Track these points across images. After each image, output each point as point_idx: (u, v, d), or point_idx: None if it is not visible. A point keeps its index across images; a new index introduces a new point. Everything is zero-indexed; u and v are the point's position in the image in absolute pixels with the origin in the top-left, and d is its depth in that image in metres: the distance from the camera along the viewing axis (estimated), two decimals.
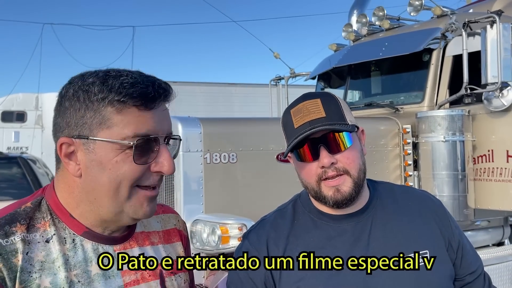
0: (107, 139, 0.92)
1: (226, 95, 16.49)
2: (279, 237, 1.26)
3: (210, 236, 2.96)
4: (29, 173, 6.59)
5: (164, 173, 0.97)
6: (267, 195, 3.23)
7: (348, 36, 5.16)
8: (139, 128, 0.93)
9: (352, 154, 1.20)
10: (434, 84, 4.12)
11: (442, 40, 4.14)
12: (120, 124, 0.92)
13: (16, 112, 13.47)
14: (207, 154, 3.20)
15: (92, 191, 0.95)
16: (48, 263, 0.91)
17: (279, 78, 6.25)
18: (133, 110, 0.93)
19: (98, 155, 0.93)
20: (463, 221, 3.65)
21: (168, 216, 1.19)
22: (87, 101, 0.93)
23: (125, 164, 0.93)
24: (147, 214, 0.98)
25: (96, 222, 0.99)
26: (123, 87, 0.92)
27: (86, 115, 0.93)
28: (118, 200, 0.95)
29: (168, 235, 1.15)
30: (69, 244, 0.95)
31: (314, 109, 1.19)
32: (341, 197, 1.18)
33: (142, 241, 1.07)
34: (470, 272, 1.32)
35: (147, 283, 1.03)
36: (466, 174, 3.66)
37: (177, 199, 3.18)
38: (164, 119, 0.98)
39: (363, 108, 4.67)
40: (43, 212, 0.97)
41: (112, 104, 0.91)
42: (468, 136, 3.70)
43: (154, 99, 0.94)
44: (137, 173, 0.94)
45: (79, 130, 0.94)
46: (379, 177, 3.74)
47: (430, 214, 1.30)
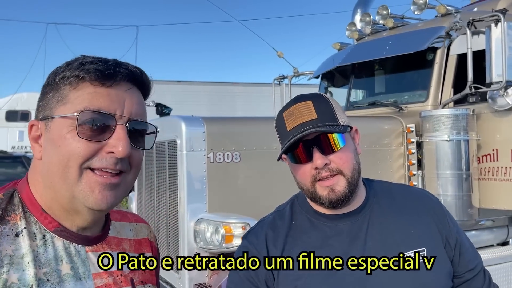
0: (60, 115, 0.90)
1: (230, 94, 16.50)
2: (277, 237, 1.28)
3: (214, 235, 2.96)
4: None
5: (116, 154, 0.90)
6: (270, 194, 3.23)
7: (351, 35, 5.15)
8: (91, 103, 0.89)
9: (345, 155, 1.21)
10: (438, 83, 4.11)
11: (447, 39, 4.12)
12: (75, 101, 0.90)
13: (21, 111, 13.54)
14: (210, 153, 3.21)
15: (47, 173, 0.92)
16: (17, 258, 0.87)
17: (282, 77, 6.24)
18: (87, 85, 0.90)
19: (52, 133, 0.91)
20: (467, 220, 3.64)
21: (140, 226, 1.15)
22: (53, 83, 0.93)
23: (73, 141, 0.89)
24: (98, 202, 0.91)
25: (61, 213, 0.94)
26: (81, 65, 0.91)
27: (49, 95, 0.93)
28: (68, 181, 0.90)
29: (140, 244, 1.11)
30: (39, 240, 0.91)
31: (306, 111, 1.20)
32: (336, 197, 1.20)
33: (115, 245, 1.03)
34: (469, 269, 1.32)
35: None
36: (470, 173, 3.64)
37: (181, 198, 3.18)
38: (125, 100, 0.93)
39: (366, 107, 4.66)
40: (14, 205, 0.93)
41: (69, 81, 0.90)
42: (472, 135, 3.69)
43: (111, 76, 0.91)
44: (84, 150, 0.89)
45: (43, 112, 0.93)
46: (382, 176, 3.73)
47: (427, 212, 1.31)
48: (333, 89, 5.39)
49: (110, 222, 1.06)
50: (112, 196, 0.92)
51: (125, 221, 1.11)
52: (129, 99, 0.93)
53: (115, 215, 1.09)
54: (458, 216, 3.56)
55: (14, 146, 13.00)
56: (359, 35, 5.08)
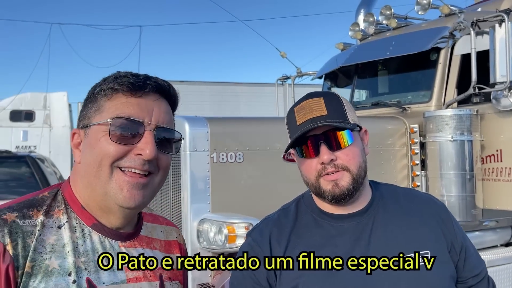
0: (96, 122, 1.03)
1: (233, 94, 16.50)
2: (281, 235, 1.28)
3: (217, 235, 2.97)
4: (37, 172, 6.64)
5: (143, 156, 1.01)
6: (273, 194, 3.23)
7: (355, 35, 5.14)
8: (123, 111, 1.01)
9: (352, 152, 1.22)
10: (442, 83, 4.10)
11: (450, 39, 4.11)
12: (109, 110, 1.02)
13: (25, 111, 13.57)
14: (213, 153, 3.21)
15: (84, 173, 1.04)
16: (59, 247, 0.98)
17: (285, 77, 6.24)
18: (120, 96, 1.03)
19: (90, 138, 1.03)
20: (471, 221, 3.63)
21: (170, 229, 1.24)
22: (92, 96, 1.06)
23: (106, 143, 1.00)
24: (126, 200, 1.01)
25: (97, 212, 1.05)
26: (115, 78, 1.04)
27: (89, 106, 1.06)
28: (101, 179, 1.01)
29: (169, 246, 1.20)
30: (78, 233, 1.02)
31: (317, 107, 1.22)
32: (339, 191, 1.21)
33: (146, 243, 1.13)
34: (473, 275, 1.32)
35: (149, 282, 1.08)
36: (474, 174, 3.63)
37: (184, 198, 3.19)
38: (154, 109, 1.04)
39: (370, 107, 4.65)
40: (58, 202, 1.05)
41: (105, 92, 1.03)
42: (476, 135, 3.68)
43: (141, 88, 1.03)
44: (114, 151, 1.00)
45: (83, 121, 1.06)
46: (386, 176, 3.73)
47: (432, 216, 1.31)
48: (336, 89, 5.38)
49: (142, 222, 1.16)
50: (140, 195, 1.03)
51: (156, 223, 1.21)
52: (157, 108, 1.05)
53: (147, 217, 1.19)
54: (461, 217, 3.55)
55: (18, 146, 13.04)
56: (363, 35, 5.07)
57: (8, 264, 0.92)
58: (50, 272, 0.95)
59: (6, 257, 0.92)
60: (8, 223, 0.96)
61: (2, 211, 0.98)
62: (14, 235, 0.95)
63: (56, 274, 0.96)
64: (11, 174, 6.90)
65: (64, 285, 0.95)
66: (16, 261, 0.93)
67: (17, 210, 0.99)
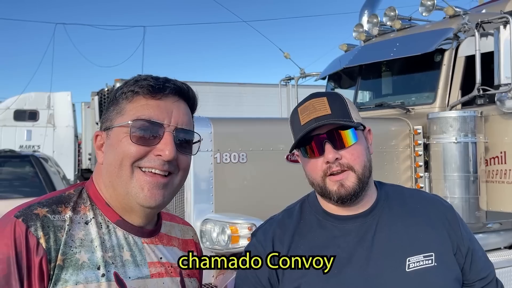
0: (118, 124, 1.05)
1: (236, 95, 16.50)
2: (284, 235, 1.29)
3: (220, 235, 2.97)
4: (41, 171, 6.66)
5: (163, 157, 1.03)
6: (276, 195, 3.23)
7: (358, 36, 5.13)
8: (143, 113, 1.04)
9: (357, 151, 1.22)
10: (446, 84, 4.09)
11: (455, 41, 4.10)
12: (130, 112, 1.05)
13: (29, 111, 13.62)
14: (217, 153, 3.21)
15: (107, 173, 1.07)
16: (87, 241, 1.02)
17: (289, 78, 6.24)
18: (140, 99, 1.06)
19: (112, 139, 1.06)
20: (474, 223, 3.61)
21: (187, 228, 1.28)
22: (114, 99, 1.09)
23: (127, 144, 1.03)
24: (147, 199, 1.04)
25: (120, 208, 1.08)
26: (136, 81, 1.07)
27: (110, 109, 1.09)
28: (122, 179, 1.04)
29: (186, 244, 1.24)
30: (104, 229, 1.06)
31: (320, 106, 1.22)
32: (345, 192, 1.20)
33: (166, 241, 1.17)
34: (481, 278, 1.31)
35: (171, 278, 1.11)
36: (478, 176, 3.62)
37: (187, 198, 3.19)
38: (173, 111, 1.07)
39: (373, 108, 4.64)
40: (83, 199, 1.08)
41: (126, 96, 1.06)
42: (480, 137, 3.66)
43: (161, 90, 1.05)
44: (135, 152, 1.03)
45: (105, 124, 1.09)
46: (389, 178, 3.72)
47: (438, 218, 1.30)
48: (339, 90, 5.38)
49: (162, 221, 1.20)
50: (160, 195, 1.06)
51: (174, 222, 1.25)
52: (176, 110, 1.07)
53: (165, 216, 1.23)
54: (465, 219, 3.52)
55: (22, 145, 13.08)
56: (366, 36, 5.06)
57: (42, 257, 0.95)
58: (80, 266, 0.98)
59: (39, 250, 0.95)
60: (40, 217, 0.99)
61: (33, 206, 1.01)
62: (46, 229, 0.98)
63: (86, 267, 0.99)
64: (15, 173, 6.92)
65: (94, 278, 0.98)
66: (49, 254, 0.96)
67: (47, 205, 1.02)
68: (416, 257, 1.22)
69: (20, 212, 0.99)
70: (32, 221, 0.97)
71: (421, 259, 1.22)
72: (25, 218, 0.97)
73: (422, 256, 1.22)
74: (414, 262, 1.21)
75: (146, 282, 1.05)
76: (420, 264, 1.21)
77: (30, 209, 1.00)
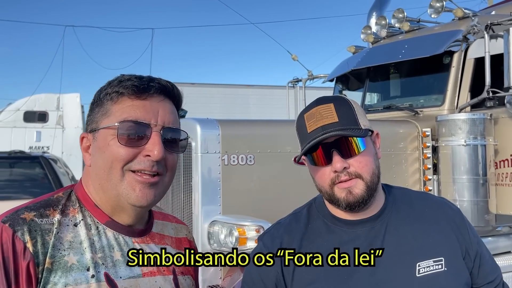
0: (104, 126, 1.05)
1: (243, 96, 16.53)
2: (292, 240, 1.27)
3: (228, 237, 2.97)
4: (50, 172, 6.72)
5: (152, 158, 1.04)
6: (284, 197, 3.23)
7: (367, 38, 5.12)
8: (130, 115, 1.04)
9: (365, 159, 1.20)
10: (455, 87, 4.06)
11: (464, 43, 4.07)
12: (116, 113, 1.05)
13: (38, 112, 13.75)
14: (225, 155, 3.22)
15: (96, 177, 1.07)
16: (76, 243, 1.02)
17: (296, 80, 6.23)
18: (126, 99, 1.05)
19: (99, 142, 1.06)
20: (484, 226, 3.58)
21: (180, 227, 1.28)
22: (98, 100, 1.09)
23: (115, 147, 1.03)
24: (139, 199, 1.04)
25: (110, 210, 1.08)
26: (120, 82, 1.06)
27: (95, 110, 1.08)
28: (113, 182, 1.04)
29: (180, 242, 1.23)
30: (94, 230, 1.06)
31: (327, 114, 1.20)
32: (353, 199, 1.19)
33: (158, 239, 1.17)
34: (488, 282, 1.30)
35: (163, 276, 1.11)
36: (487, 178, 3.59)
37: (195, 200, 3.20)
38: (160, 111, 1.07)
39: (381, 111, 4.63)
40: (72, 201, 1.09)
41: (111, 96, 1.06)
42: (490, 140, 3.63)
43: (146, 90, 1.05)
44: (124, 155, 1.03)
45: (91, 125, 1.09)
46: (397, 180, 3.70)
47: (447, 222, 1.29)
48: (347, 92, 5.36)
49: (153, 220, 1.19)
50: (151, 194, 1.06)
51: (167, 221, 1.25)
52: (162, 109, 1.07)
53: (158, 215, 1.22)
54: (474, 222, 3.50)
55: (31, 146, 13.20)
56: (375, 38, 5.05)
57: (29, 261, 0.96)
58: (69, 268, 0.99)
59: (26, 254, 0.96)
60: (27, 222, 0.99)
61: (20, 211, 1.02)
62: (33, 233, 0.98)
63: (75, 269, 0.99)
64: (25, 174, 6.99)
65: (83, 279, 0.99)
66: (36, 257, 0.96)
67: (34, 209, 1.03)
68: (426, 262, 1.20)
69: (7, 217, 1.00)
70: (19, 225, 0.98)
71: (431, 264, 1.21)
72: (12, 223, 0.98)
73: (432, 261, 1.21)
74: (424, 267, 1.20)
75: (137, 281, 1.06)
76: (430, 269, 1.20)
77: (17, 213, 1.00)
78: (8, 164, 7.04)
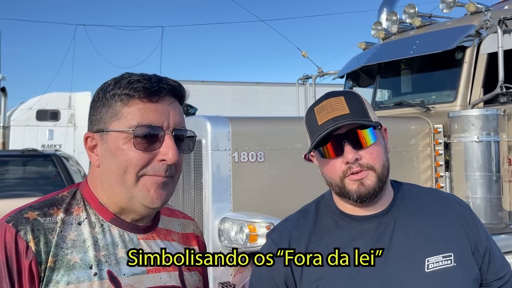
0: (116, 129, 1.04)
1: (253, 94, 16.53)
2: (301, 237, 1.27)
3: (238, 234, 2.98)
4: (62, 170, 6.79)
5: (167, 161, 1.04)
6: (294, 194, 3.22)
7: (377, 34, 5.08)
8: (143, 119, 1.03)
9: (376, 150, 1.20)
10: (468, 82, 4.01)
11: (476, 38, 4.02)
12: (128, 116, 1.04)
13: (50, 111, 13.91)
14: (235, 153, 3.22)
15: (106, 178, 1.06)
16: (79, 242, 1.03)
17: (306, 77, 6.22)
18: (137, 103, 1.04)
19: (109, 144, 1.05)
20: (497, 224, 3.54)
21: (187, 222, 1.27)
22: (104, 99, 1.07)
23: (130, 151, 1.03)
24: (154, 200, 1.05)
25: (117, 210, 1.08)
26: (129, 83, 1.04)
27: (102, 111, 1.07)
28: (126, 186, 1.04)
29: (187, 238, 1.23)
30: (98, 228, 1.06)
31: (338, 106, 1.20)
32: (365, 190, 1.19)
33: (164, 235, 1.16)
34: (498, 278, 1.29)
35: (167, 273, 1.11)
36: (501, 175, 3.54)
37: (206, 197, 3.21)
38: (171, 112, 1.07)
39: (393, 107, 4.59)
40: (77, 200, 1.09)
41: (120, 98, 1.04)
42: (503, 136, 3.59)
43: (157, 93, 1.04)
44: (141, 160, 1.03)
45: (97, 125, 1.07)
46: (409, 177, 3.67)
47: (456, 218, 1.28)
48: (358, 89, 5.33)
49: (160, 216, 1.19)
50: (164, 194, 1.07)
51: (173, 217, 1.24)
52: (172, 111, 1.08)
53: (164, 211, 1.22)
54: (487, 219, 3.47)
55: (44, 145, 13.36)
56: (385, 34, 5.01)
57: (31, 260, 0.97)
58: (72, 266, 1.00)
59: (29, 254, 0.97)
60: (30, 221, 1.00)
61: (24, 210, 1.03)
62: (36, 232, 0.99)
63: (78, 267, 1.00)
64: (38, 172, 7.08)
65: (86, 277, 1.00)
66: (38, 256, 0.97)
67: (38, 208, 1.03)
68: (435, 258, 1.20)
69: (11, 216, 1.01)
70: (22, 225, 0.99)
71: (440, 259, 1.20)
72: (15, 223, 0.99)
73: (441, 257, 1.20)
74: (434, 263, 1.20)
75: (141, 278, 1.06)
76: (440, 264, 1.19)
77: (21, 213, 1.01)
78: (21, 162, 7.13)
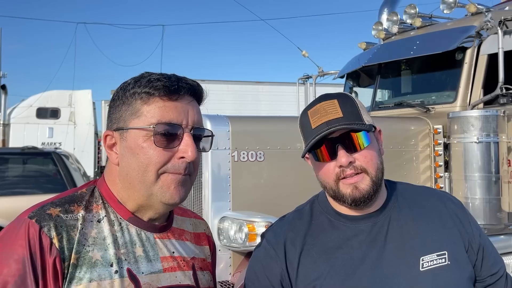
0: (136, 127, 1.05)
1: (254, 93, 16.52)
2: (296, 237, 1.28)
3: (237, 233, 2.99)
4: (62, 168, 6.79)
5: (186, 158, 1.05)
6: (294, 193, 3.22)
7: (378, 34, 5.08)
8: (163, 116, 1.04)
9: (370, 153, 1.21)
10: (468, 83, 4.02)
11: (477, 39, 4.02)
12: (147, 114, 1.05)
13: (50, 109, 13.91)
14: (235, 152, 3.23)
15: (126, 176, 1.07)
16: (100, 239, 1.04)
17: (307, 76, 6.22)
18: (157, 101, 1.05)
19: (129, 142, 1.06)
20: (496, 224, 3.54)
21: (199, 222, 1.30)
22: (123, 97, 1.08)
23: (150, 149, 1.04)
24: (173, 196, 1.06)
25: (135, 207, 1.09)
26: (149, 82, 1.06)
27: (122, 109, 1.08)
28: (146, 183, 1.05)
29: (198, 237, 1.25)
30: (117, 226, 1.07)
31: (332, 109, 1.20)
32: (360, 194, 1.19)
33: (178, 235, 1.18)
34: (492, 274, 1.30)
35: (183, 272, 1.13)
36: (500, 176, 3.55)
37: (205, 196, 3.21)
38: (189, 111, 1.08)
39: (392, 107, 4.59)
40: (95, 197, 1.10)
41: (140, 96, 1.06)
42: (503, 137, 3.59)
43: (176, 91, 1.06)
44: (161, 158, 1.04)
45: (117, 124, 1.08)
46: (408, 178, 3.68)
47: (449, 215, 1.29)
48: (358, 89, 5.34)
49: (173, 215, 1.21)
50: (183, 191, 1.08)
51: (185, 216, 1.26)
52: (191, 109, 1.09)
53: (177, 211, 1.24)
54: (486, 220, 3.47)
55: (44, 142, 13.36)
56: (386, 34, 5.00)
57: (55, 256, 0.97)
58: (94, 264, 1.00)
59: (53, 250, 0.97)
60: (53, 217, 1.00)
61: (46, 206, 1.03)
62: (59, 228, 0.99)
63: (99, 265, 1.01)
64: (38, 170, 7.08)
65: (107, 275, 1.01)
66: (62, 253, 0.98)
67: (59, 205, 1.04)
68: (430, 256, 1.21)
69: (34, 212, 1.00)
70: (45, 221, 0.99)
71: (435, 258, 1.21)
72: (39, 219, 0.99)
73: (436, 255, 1.21)
74: (428, 261, 1.20)
75: (159, 277, 1.07)
76: (434, 263, 1.20)
77: (43, 209, 1.01)
78: (21, 160, 7.14)
